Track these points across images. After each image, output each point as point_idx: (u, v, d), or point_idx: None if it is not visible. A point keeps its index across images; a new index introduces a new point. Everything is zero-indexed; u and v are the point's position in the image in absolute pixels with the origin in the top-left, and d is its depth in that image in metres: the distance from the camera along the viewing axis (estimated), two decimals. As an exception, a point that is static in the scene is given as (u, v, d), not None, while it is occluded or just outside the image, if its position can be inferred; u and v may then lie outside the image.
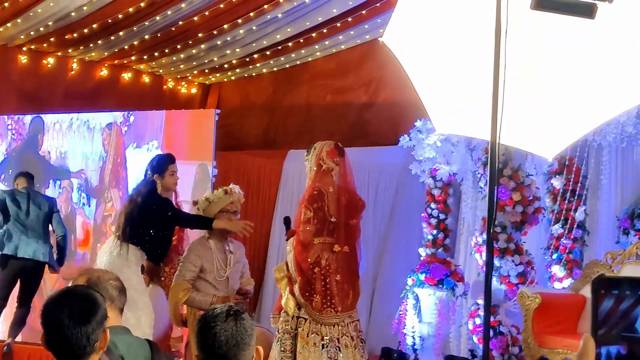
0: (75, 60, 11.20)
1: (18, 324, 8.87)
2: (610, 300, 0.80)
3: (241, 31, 10.27)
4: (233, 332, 2.71)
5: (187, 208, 8.50)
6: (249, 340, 2.75)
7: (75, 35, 10.13)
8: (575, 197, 8.87)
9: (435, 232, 9.60)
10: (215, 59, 11.34)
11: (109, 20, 9.70)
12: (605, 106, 3.07)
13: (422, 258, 9.54)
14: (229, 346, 2.69)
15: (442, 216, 9.62)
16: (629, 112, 7.98)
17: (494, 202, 2.90)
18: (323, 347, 6.01)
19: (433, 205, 9.65)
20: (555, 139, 3.17)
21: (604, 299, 0.80)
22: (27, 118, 10.64)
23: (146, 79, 12.09)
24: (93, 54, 11.01)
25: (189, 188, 9.31)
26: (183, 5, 9.40)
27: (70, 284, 3.53)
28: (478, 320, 8.61)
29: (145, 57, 11.23)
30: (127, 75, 11.82)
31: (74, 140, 10.37)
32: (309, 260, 6.16)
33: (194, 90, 12.73)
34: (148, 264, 8.14)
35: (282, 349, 6.04)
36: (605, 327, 0.79)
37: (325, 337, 6.04)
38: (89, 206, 10.24)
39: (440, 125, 3.48)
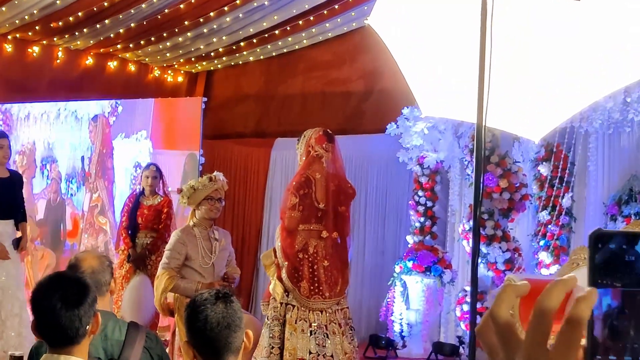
0: (60, 48, 11.13)
1: None
2: (605, 253, 0.80)
3: (227, 19, 10.23)
4: (224, 314, 2.71)
5: (175, 198, 8.49)
6: (239, 322, 2.75)
7: (60, 23, 10.06)
8: (563, 184, 8.90)
9: (422, 219, 9.62)
10: (201, 47, 11.29)
11: (95, 9, 9.64)
12: (591, 89, 3.07)
13: (409, 245, 9.57)
14: (221, 328, 2.69)
15: (429, 204, 9.65)
16: (615, 98, 8.00)
17: (481, 186, 2.89)
18: (311, 334, 6.02)
19: (420, 193, 9.67)
20: (542, 121, 3.17)
21: (600, 252, 0.81)
22: (15, 108, 10.59)
23: (132, 67, 12.03)
24: (78, 42, 10.94)
25: (178, 178, 9.28)
26: (169, -8, 9.37)
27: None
28: (466, 307, 8.64)
29: (131, 45, 11.17)
30: (112, 64, 11.75)
31: (61, 131, 10.32)
32: (295, 246, 6.17)
33: (180, 79, 12.68)
34: (134, 253, 8.15)
35: (271, 335, 6.05)
36: (600, 276, 0.79)
37: (313, 324, 6.05)
38: (77, 196, 10.21)
39: (426, 109, 3.47)
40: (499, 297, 0.85)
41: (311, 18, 10.48)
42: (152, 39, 10.90)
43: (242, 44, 11.29)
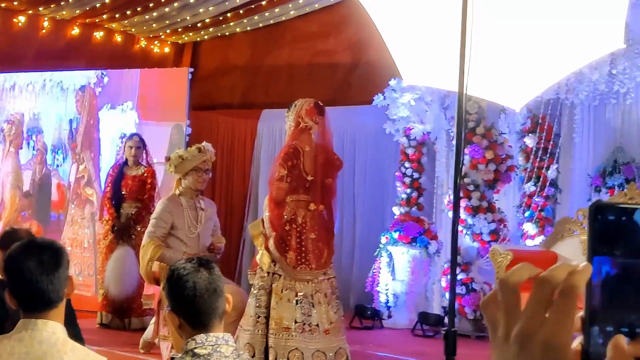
0: (46, 18, 11.06)
1: None
2: (605, 223, 0.81)
3: (214, -11, 10.19)
4: (209, 280, 2.75)
5: (161, 170, 8.49)
6: (222, 287, 2.80)
7: (46, -8, 10.01)
8: (548, 155, 8.95)
9: (409, 191, 9.65)
10: (188, 17, 11.24)
11: (80, -22, 9.59)
12: (571, 58, 3.09)
13: (396, 217, 9.60)
14: (209, 294, 2.73)
15: (416, 175, 9.67)
16: (600, 69, 8.03)
17: (461, 152, 2.91)
18: (297, 303, 6.06)
19: (407, 164, 9.69)
20: (523, 90, 3.19)
21: (599, 222, 0.81)
22: (0, 78, 10.54)
23: (118, 38, 11.96)
24: (64, 12, 10.87)
25: (165, 149, 9.27)
26: (155, -38, 9.31)
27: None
28: (451, 278, 8.69)
29: (117, 15, 11.11)
30: (98, 34, 11.68)
31: (47, 102, 10.27)
32: (284, 217, 6.19)
33: (166, 50, 12.62)
34: (119, 223, 8.16)
35: (258, 304, 6.08)
36: (599, 245, 0.80)
37: (299, 293, 6.09)
38: (63, 167, 10.19)
39: (408, 77, 3.49)
40: (515, 269, 0.85)
41: (298, -11, 10.45)
42: (139, 9, 10.84)
43: (228, 14, 11.24)
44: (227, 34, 12.15)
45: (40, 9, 10.71)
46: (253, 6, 10.92)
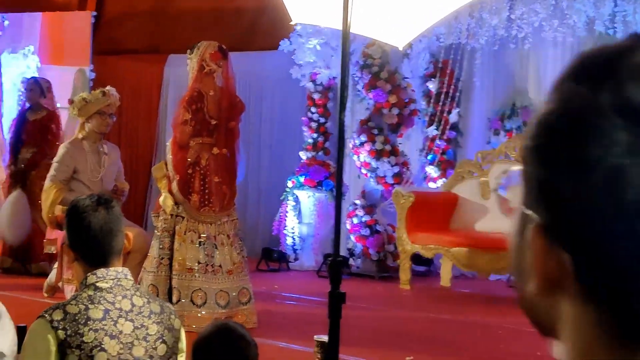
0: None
1: None
2: None
3: None
4: (106, 219, 2.76)
5: (65, 114, 8.39)
6: (120, 226, 2.81)
7: None
8: (450, 100, 9.14)
9: (315, 135, 9.77)
10: (92, -40, 11.03)
11: None
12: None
13: (302, 161, 9.72)
14: (104, 234, 2.74)
15: (322, 120, 9.78)
16: (499, 14, 8.22)
17: (345, 89, 3.01)
18: (200, 245, 6.13)
19: (313, 109, 9.79)
20: (405, 29, 3.29)
21: None
22: None
23: (20, -19, 11.66)
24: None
25: (68, 93, 9.16)
26: None
27: None
28: (356, 220, 8.90)
29: (18, -43, 10.82)
30: (-1, -23, 11.36)
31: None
32: (188, 160, 6.22)
33: (71, -7, 12.35)
34: (13, 169, 8.05)
35: (161, 246, 6.13)
36: None
37: (202, 235, 6.16)
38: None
39: (296, 15, 3.58)
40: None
41: None
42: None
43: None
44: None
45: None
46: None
